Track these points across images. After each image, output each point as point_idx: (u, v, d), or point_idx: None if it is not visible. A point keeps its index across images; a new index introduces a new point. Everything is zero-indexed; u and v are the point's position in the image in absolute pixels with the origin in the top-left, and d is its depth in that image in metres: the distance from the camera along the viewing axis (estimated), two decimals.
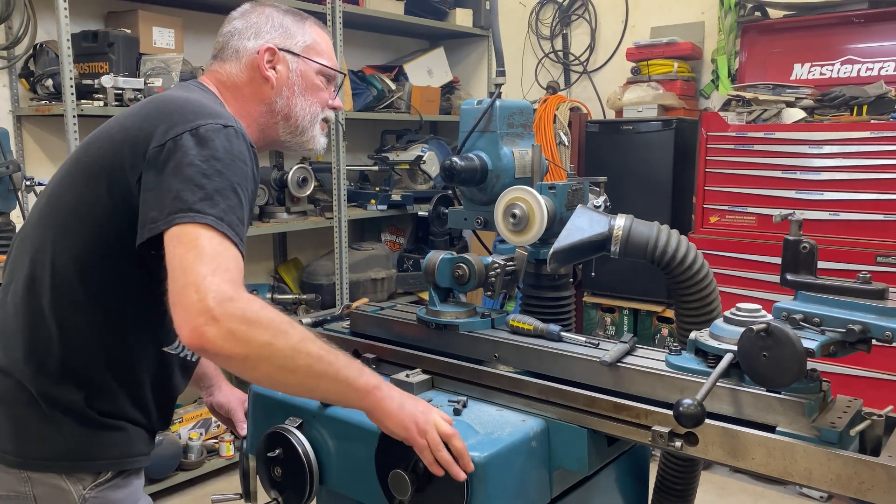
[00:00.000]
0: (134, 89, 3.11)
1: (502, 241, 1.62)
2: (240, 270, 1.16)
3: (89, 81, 3.07)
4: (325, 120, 1.56)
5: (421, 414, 1.23)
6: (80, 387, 1.29)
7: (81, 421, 1.30)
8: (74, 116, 2.98)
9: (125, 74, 3.13)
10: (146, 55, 3.31)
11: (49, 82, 3.08)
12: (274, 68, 1.46)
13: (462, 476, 1.19)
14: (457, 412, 1.34)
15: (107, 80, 3.03)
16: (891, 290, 1.13)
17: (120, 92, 3.08)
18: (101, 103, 3.06)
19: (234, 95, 1.46)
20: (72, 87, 2.97)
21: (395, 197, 4.28)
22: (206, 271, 1.10)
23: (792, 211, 1.24)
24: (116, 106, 3.08)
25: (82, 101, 3.03)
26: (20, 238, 1.39)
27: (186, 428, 3.52)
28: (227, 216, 1.18)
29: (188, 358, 1.45)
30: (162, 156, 1.22)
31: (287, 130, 1.51)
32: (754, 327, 1.06)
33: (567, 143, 4.17)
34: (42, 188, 2.81)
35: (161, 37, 3.40)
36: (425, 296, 1.60)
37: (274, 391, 1.52)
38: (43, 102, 3.15)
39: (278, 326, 1.13)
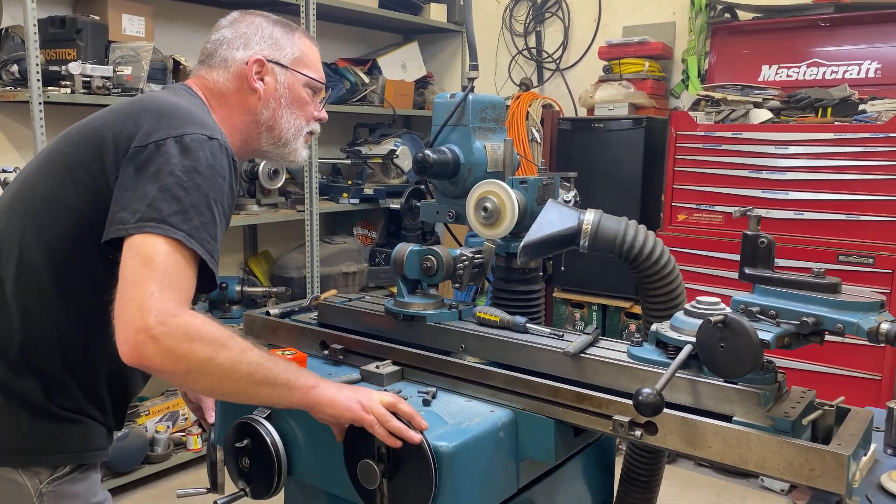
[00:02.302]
0: (102, 77, 3.06)
1: (474, 236, 1.64)
2: (190, 289, 1.18)
3: (56, 68, 3.01)
4: (311, 133, 1.57)
5: (362, 394, 1.27)
6: (38, 378, 1.28)
7: (39, 413, 1.28)
8: (40, 103, 2.93)
9: (93, 62, 3.08)
10: (115, 43, 3.26)
11: (14, 68, 3.02)
12: (262, 80, 1.46)
13: (417, 438, 1.22)
14: (426, 403, 1.36)
15: (74, 67, 2.98)
16: (844, 285, 1.17)
17: (88, 79, 3.03)
18: (69, 90, 3.01)
19: (220, 103, 1.46)
20: (38, 73, 2.92)
21: (368, 191, 4.28)
22: (154, 288, 1.11)
23: (750, 207, 1.28)
24: (84, 93, 3.03)
25: (49, 88, 2.97)
26: None
27: (153, 421, 3.49)
28: (197, 233, 1.18)
29: None
30: (142, 157, 1.21)
31: (270, 141, 1.51)
32: (712, 319, 1.09)
33: (539, 140, 4.20)
34: (6, 175, 2.76)
35: (131, 24, 3.35)
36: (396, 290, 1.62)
37: None
38: (8, 88, 3.09)
39: (220, 340, 1.15)
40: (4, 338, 1.28)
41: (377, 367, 1.48)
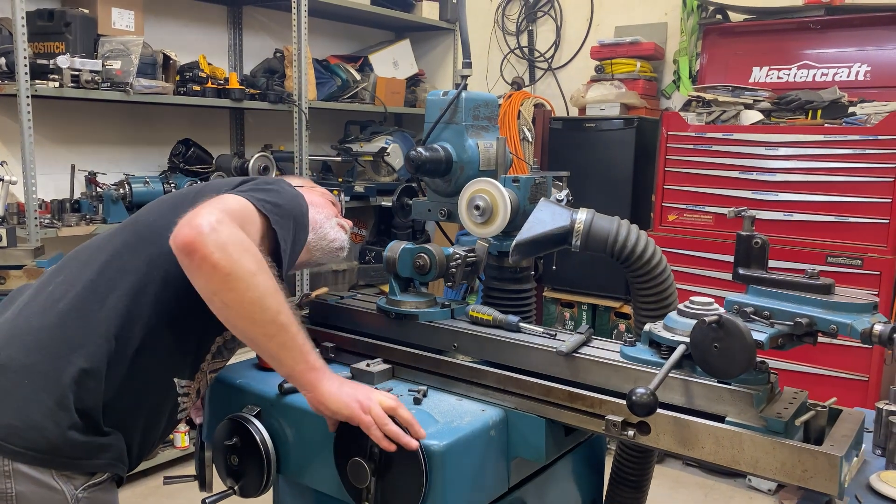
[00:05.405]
0: (91, 71, 3.03)
1: (465, 234, 1.63)
2: (253, 238, 1.24)
3: (44, 61, 2.98)
4: (340, 225, 1.66)
5: (363, 393, 1.26)
6: (92, 393, 1.26)
7: (87, 426, 1.26)
8: (28, 97, 2.90)
9: (82, 55, 3.05)
10: (105, 36, 3.23)
11: (2, 61, 2.99)
12: None
13: (414, 444, 1.21)
14: (417, 401, 1.35)
15: (62, 61, 2.95)
16: (837, 286, 1.17)
17: (76, 73, 3.00)
18: (57, 84, 2.98)
19: None
20: (26, 66, 2.89)
21: (358, 188, 4.26)
22: (218, 209, 1.20)
23: (745, 207, 1.28)
24: (72, 87, 3.00)
25: (36, 82, 2.94)
26: (82, 248, 1.43)
27: None
28: (280, 229, 1.31)
29: (178, 408, 1.42)
30: (237, 183, 1.41)
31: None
32: (706, 319, 1.09)
33: (531, 139, 4.20)
34: None
35: (120, 18, 3.32)
36: (386, 288, 1.61)
37: (232, 378, 1.51)
38: None
39: (266, 267, 1.21)
40: (74, 346, 1.27)
41: (367, 364, 1.47)
